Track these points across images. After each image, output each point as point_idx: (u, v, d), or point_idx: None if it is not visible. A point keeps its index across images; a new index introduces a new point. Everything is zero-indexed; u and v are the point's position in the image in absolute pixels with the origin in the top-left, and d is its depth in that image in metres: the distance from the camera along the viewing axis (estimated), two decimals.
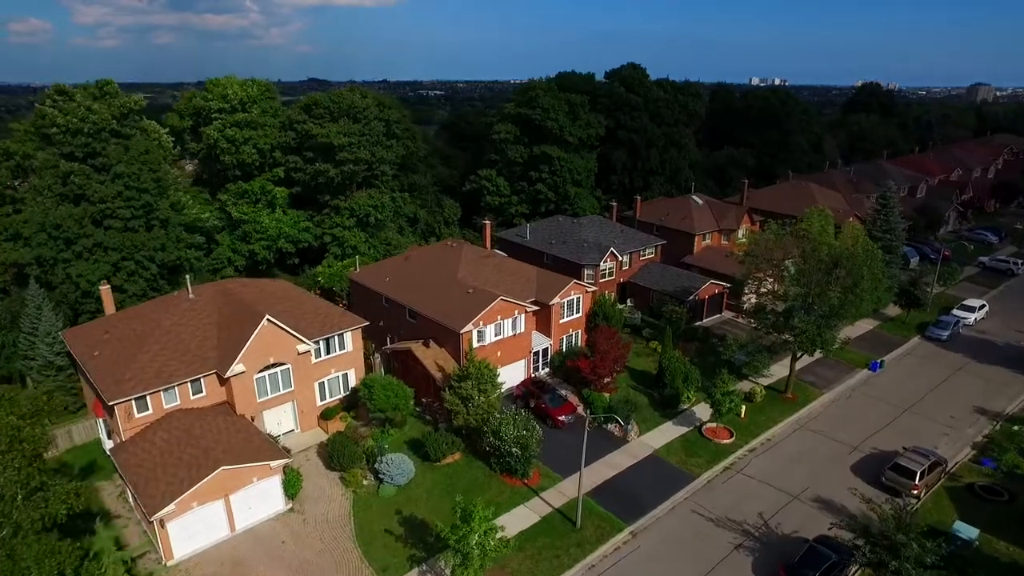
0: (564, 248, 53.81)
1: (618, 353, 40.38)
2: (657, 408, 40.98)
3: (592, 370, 39.77)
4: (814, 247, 37.60)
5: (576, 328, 45.72)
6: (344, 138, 61.66)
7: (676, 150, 78.81)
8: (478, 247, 51.05)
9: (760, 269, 41.27)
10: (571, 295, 44.24)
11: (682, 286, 52.82)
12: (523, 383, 41.36)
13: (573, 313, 45.09)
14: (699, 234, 61.37)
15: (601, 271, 52.22)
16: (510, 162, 69.25)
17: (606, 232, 56.00)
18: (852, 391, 43.81)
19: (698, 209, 64.30)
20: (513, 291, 43.27)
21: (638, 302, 55.51)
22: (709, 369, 44.79)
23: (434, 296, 42.35)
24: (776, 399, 42.00)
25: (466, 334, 38.95)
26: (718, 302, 55.19)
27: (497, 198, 69.85)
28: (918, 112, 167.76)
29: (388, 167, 67.92)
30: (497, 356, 41.07)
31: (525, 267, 46.28)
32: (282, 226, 62.79)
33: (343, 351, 39.70)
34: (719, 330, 52.81)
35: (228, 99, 61.54)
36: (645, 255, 56.97)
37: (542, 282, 44.56)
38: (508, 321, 40.92)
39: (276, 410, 36.85)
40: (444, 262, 45.41)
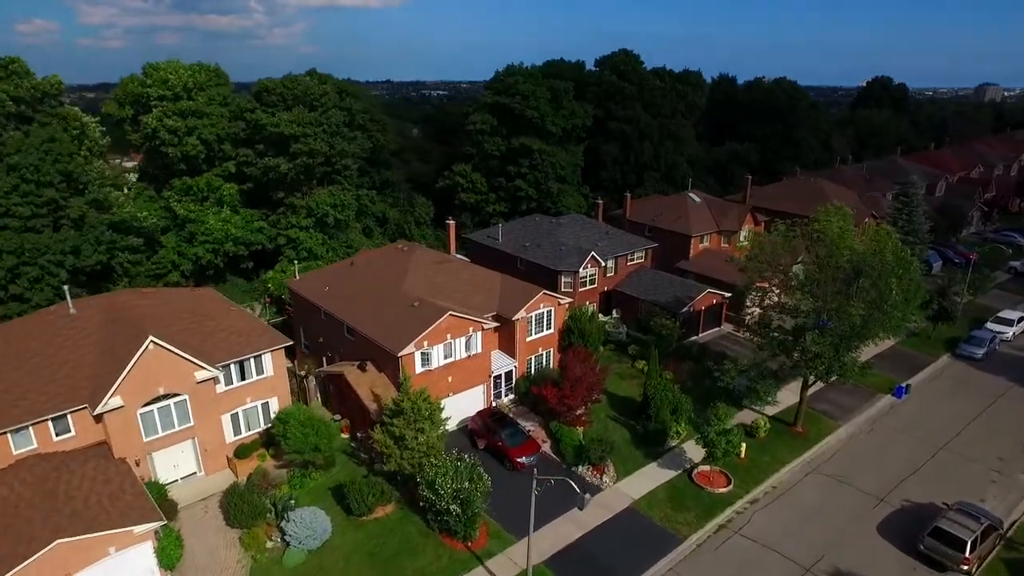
0: (539, 252, 47.08)
1: (593, 379, 33.60)
2: (640, 445, 34.13)
3: (560, 401, 33.01)
4: (830, 252, 30.71)
5: (547, 346, 38.95)
6: (297, 128, 55.07)
7: (673, 143, 71.92)
8: (436, 251, 44.38)
9: (764, 277, 34.43)
10: (540, 308, 37.47)
11: (675, 296, 45.98)
12: (479, 414, 34.61)
13: (543, 329, 38.31)
14: (696, 236, 54.51)
15: (581, 278, 45.44)
16: (487, 156, 62.56)
17: (588, 233, 49.21)
18: (874, 423, 36.84)
19: (695, 208, 57.44)
20: (470, 303, 36.58)
21: (625, 314, 48.69)
22: (705, 394, 37.95)
23: (375, 310, 35.68)
24: (783, 433, 35.11)
25: (406, 357, 32.24)
26: (716, 314, 48.31)
27: (473, 195, 63.16)
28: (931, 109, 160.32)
29: (351, 161, 61.33)
30: (447, 382, 34.36)
31: (487, 275, 39.56)
32: (229, 227, 56.19)
33: (262, 376, 33.06)
34: (717, 346, 45.92)
35: (169, 85, 55.02)
36: (633, 260, 50.16)
37: (506, 293, 37.83)
38: (460, 340, 34.18)
39: (170, 451, 30.19)
40: (391, 269, 38.75)
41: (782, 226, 34.84)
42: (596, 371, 34.35)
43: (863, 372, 32.37)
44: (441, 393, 34.19)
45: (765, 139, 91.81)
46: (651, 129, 69.49)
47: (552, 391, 33.25)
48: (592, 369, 34.08)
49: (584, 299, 46.24)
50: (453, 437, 34.35)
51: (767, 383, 33.40)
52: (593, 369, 34.19)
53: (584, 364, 33.95)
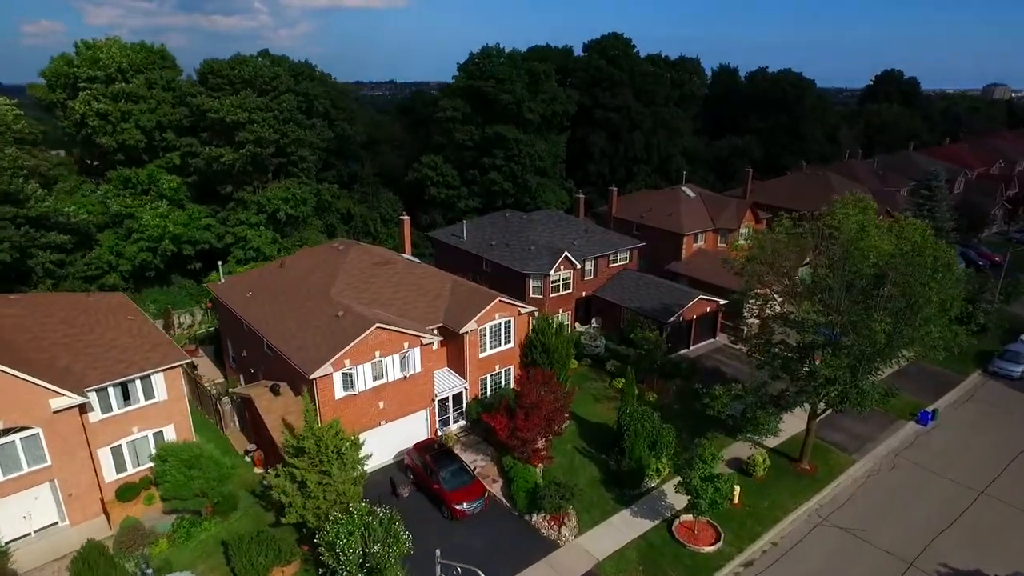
0: (506, 252, 41.08)
1: (554, 406, 27.56)
2: (611, 487, 28.06)
3: (511, 433, 26.97)
4: (847, 253, 24.60)
5: (506, 363, 32.92)
6: (242, 113, 49.37)
7: (666, 134, 65.78)
8: (381, 250, 38.41)
9: (765, 282, 28.39)
10: (496, 318, 31.46)
11: (662, 303, 39.91)
12: (416, 447, 28.60)
13: (500, 343, 32.30)
14: (689, 234, 48.43)
15: (553, 282, 39.42)
16: (458, 146, 56.59)
17: (564, 231, 43.19)
18: (895, 457, 30.65)
19: (689, 203, 51.37)
20: (412, 313, 30.64)
21: (606, 323, 42.66)
22: (695, 420, 31.89)
23: (296, 320, 29.75)
24: (786, 471, 28.98)
25: (322, 379, 26.29)
26: (710, 324, 42.19)
27: (444, 190, 57.20)
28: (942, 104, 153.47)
29: (309, 152, 55.61)
30: (378, 409, 28.38)
31: (438, 279, 33.57)
32: (168, 223, 50.36)
33: (152, 401, 27.20)
34: (710, 361, 39.80)
35: (101, 65, 49.32)
36: (617, 261, 44.10)
37: (457, 300, 31.85)
38: (394, 358, 28.20)
39: (20, 497, 24.26)
40: (321, 272, 32.80)
41: (787, 221, 28.74)
42: (559, 396, 28.32)
43: (885, 399, 26.20)
44: (370, 422, 28.27)
45: (768, 132, 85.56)
46: (643, 118, 63.39)
47: (502, 421, 27.23)
48: (554, 394, 28.06)
49: (557, 306, 40.25)
50: (386, 475, 28.42)
51: (767, 411, 27.26)
52: (555, 394, 28.16)
53: (543, 387, 27.92)
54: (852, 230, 24.87)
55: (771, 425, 27.22)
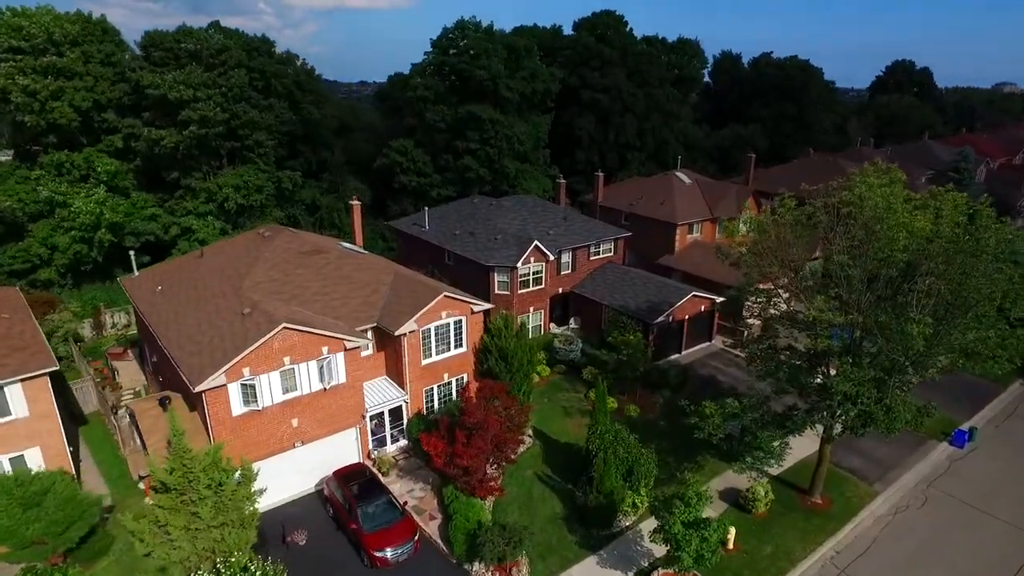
0: (470, 242, 35.78)
1: (505, 426, 22.26)
2: (577, 525, 22.70)
3: (449, 460, 21.67)
4: (870, 233, 19.25)
5: (458, 371, 27.60)
6: (186, 90, 44.29)
7: (661, 117, 60.33)
8: (313, 236, 33.15)
9: (768, 275, 23.03)
10: (442, 317, 26.15)
11: (650, 300, 34.55)
12: (336, 475, 23.29)
13: (449, 347, 26.99)
14: (683, 224, 43.06)
15: (522, 276, 34.07)
16: (430, 128, 51.34)
17: (539, 219, 37.87)
18: (927, 488, 25.17)
19: (683, 189, 46.01)
20: (340, 310, 25.40)
21: (586, 324, 37.34)
22: (684, 439, 26.56)
23: (200, 320, 24.55)
24: (794, 506, 23.57)
25: (213, 392, 21.07)
26: (706, 325, 36.79)
27: (415, 177, 51.94)
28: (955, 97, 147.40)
29: (266, 136, 50.52)
30: (291, 428, 23.12)
31: (374, 270, 28.29)
32: (105, 210, 45.28)
33: (7, 418, 22.10)
34: (705, 368, 34.40)
35: (26, 35, 44.33)
36: (599, 253, 38.76)
37: (397, 295, 26.57)
38: (309, 366, 22.92)
39: None
40: (240, 263, 27.58)
41: (790, 201, 23.38)
42: (514, 414, 23.01)
43: (919, 420, 20.73)
44: (281, 444, 23.02)
45: (773, 121, 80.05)
46: (635, 101, 57.96)
47: (438, 444, 21.93)
48: (506, 411, 22.76)
49: (527, 305, 34.92)
50: (304, 508, 23.20)
51: (771, 434, 21.81)
52: (508, 411, 22.87)
53: (493, 402, 22.63)
54: (877, 207, 19.50)
55: (775, 451, 21.75)
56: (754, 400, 21.70)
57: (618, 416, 29.38)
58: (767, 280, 23.62)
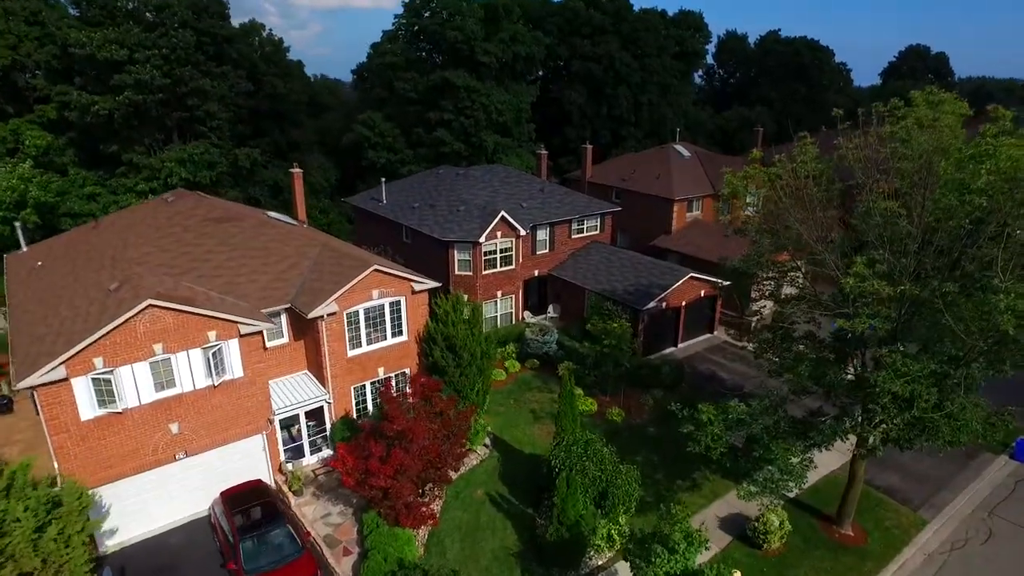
0: (428, 216, 30.59)
1: (439, 436, 17.08)
2: (534, 564, 17.46)
3: (361, 480, 16.48)
4: (928, 174, 13.99)
5: (397, 365, 22.36)
6: (119, 50, 39.29)
7: (659, 90, 54.98)
8: (227, 203, 27.87)
9: (783, 242, 17.83)
10: (372, 298, 20.95)
11: (640, 283, 29.30)
12: (226, 496, 18.13)
13: (384, 335, 21.77)
14: (681, 200, 37.74)
15: (487, 255, 28.82)
16: (401, 99, 46.20)
17: (512, 190, 32.69)
18: (989, 516, 19.77)
19: (682, 163, 40.71)
20: (247, 287, 20.26)
21: (566, 311, 32.13)
22: (678, 450, 21.31)
23: (68, 300, 19.44)
24: (818, 539, 18.24)
25: (48, 389, 15.95)
26: (706, 313, 31.50)
27: (384, 153, 46.80)
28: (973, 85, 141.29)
29: (218, 107, 45.52)
30: (169, 435, 17.96)
31: (296, 242, 23.10)
32: (32, 187, 40.30)
33: None
34: (704, 363, 29.11)
35: None
36: (584, 231, 33.53)
37: (320, 270, 21.39)
38: (191, 355, 17.75)
39: None
40: (133, 233, 22.44)
41: (812, 148, 18.14)
42: (452, 422, 17.82)
43: (990, 430, 15.37)
44: (154, 457, 17.88)
45: (782, 103, 74.44)
46: (630, 72, 52.62)
47: (348, 459, 16.75)
48: (442, 418, 17.59)
49: (495, 288, 29.68)
50: (192, 535, 18.09)
51: (790, 447, 16.43)
52: (445, 417, 17.69)
53: (423, 407, 17.46)
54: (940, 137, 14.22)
55: (795, 470, 16.36)
56: (766, 403, 16.37)
57: (598, 420, 24.20)
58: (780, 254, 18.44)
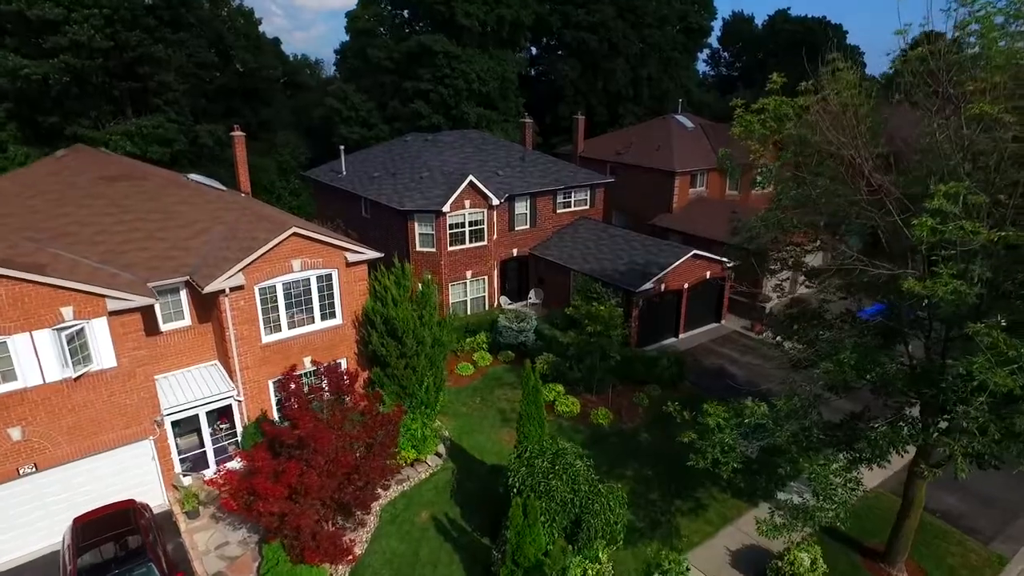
0: (389, 184, 26.33)
1: (356, 445, 12.82)
2: None
3: (248, 504, 12.23)
4: None
5: (329, 355, 18.02)
6: (52, 8, 35.23)
7: (660, 63, 50.62)
8: (130, 161, 23.46)
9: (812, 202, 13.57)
10: (292, 270, 16.66)
11: (634, 263, 24.96)
12: (80, 522, 13.92)
13: (312, 317, 17.49)
14: (683, 174, 33.41)
15: (453, 228, 24.48)
16: (375, 68, 41.99)
17: (486, 157, 28.43)
18: None
19: (684, 134, 36.41)
20: (135, 256, 16.02)
21: (550, 296, 27.83)
22: (677, 461, 17.01)
23: None
24: None
25: None
26: (712, 298, 27.14)
27: (357, 128, 42.61)
28: None
29: (174, 78, 41.49)
30: (10, 443, 13.73)
31: (210, 205, 18.86)
32: None
33: None
34: (711, 357, 24.74)
35: None
36: (571, 205, 29.23)
37: (230, 238, 17.14)
38: (36, 337, 13.54)
39: None
40: (8, 195, 18.26)
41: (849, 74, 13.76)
42: (373, 428, 13.53)
43: None
44: None
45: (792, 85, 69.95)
46: (628, 43, 48.26)
47: (232, 475, 12.51)
48: (365, 423, 13.32)
49: (463, 268, 25.35)
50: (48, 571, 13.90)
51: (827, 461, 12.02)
52: (367, 420, 13.43)
53: (334, 409, 13.20)
54: None
55: (837, 494, 11.87)
56: (795, 403, 11.96)
57: (580, 424, 19.91)
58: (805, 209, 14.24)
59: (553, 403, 20.55)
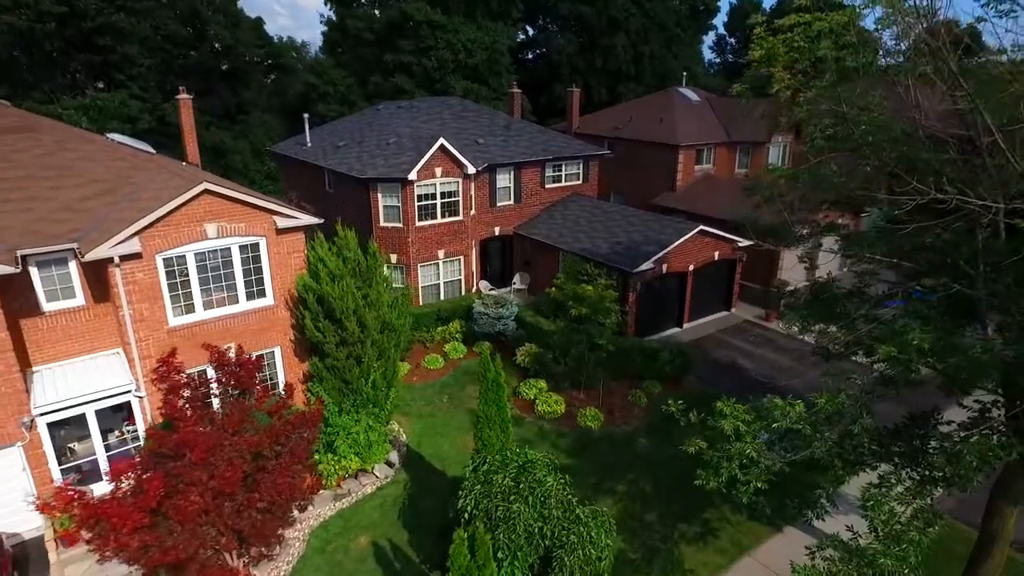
0: (353, 152, 23.19)
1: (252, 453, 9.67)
2: None
3: (102, 536, 9.04)
4: None
5: (258, 343, 14.88)
6: None
7: (663, 38, 47.30)
8: (27, 114, 20.04)
9: (855, 141, 10.23)
10: (206, 237, 13.52)
11: (632, 241, 21.75)
12: None
13: (235, 295, 14.36)
14: (687, 148, 30.13)
15: (421, 198, 21.28)
16: (356, 40, 38.89)
17: (464, 124, 25.27)
18: None
19: (689, 107, 33.15)
20: (17, 217, 12.92)
21: (539, 283, 24.64)
22: (682, 475, 13.77)
23: None
24: None
25: None
26: (721, 282, 23.89)
27: (336, 106, 39.50)
28: None
29: (139, 50, 38.57)
30: None
31: (124, 164, 15.77)
32: None
33: None
34: (720, 349, 21.50)
35: None
36: (562, 180, 26.04)
37: (134, 198, 14.03)
38: None
39: None
40: None
41: None
42: (276, 435, 10.36)
43: None
44: None
45: None
46: (629, 17, 45.03)
47: (67, 495, 9.33)
48: (274, 429, 10.17)
49: (435, 247, 22.13)
50: None
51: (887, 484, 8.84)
52: (276, 424, 10.27)
53: (236, 409, 10.04)
54: None
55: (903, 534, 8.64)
56: (842, 401, 8.68)
57: (565, 426, 16.73)
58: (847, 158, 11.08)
59: (534, 402, 17.40)
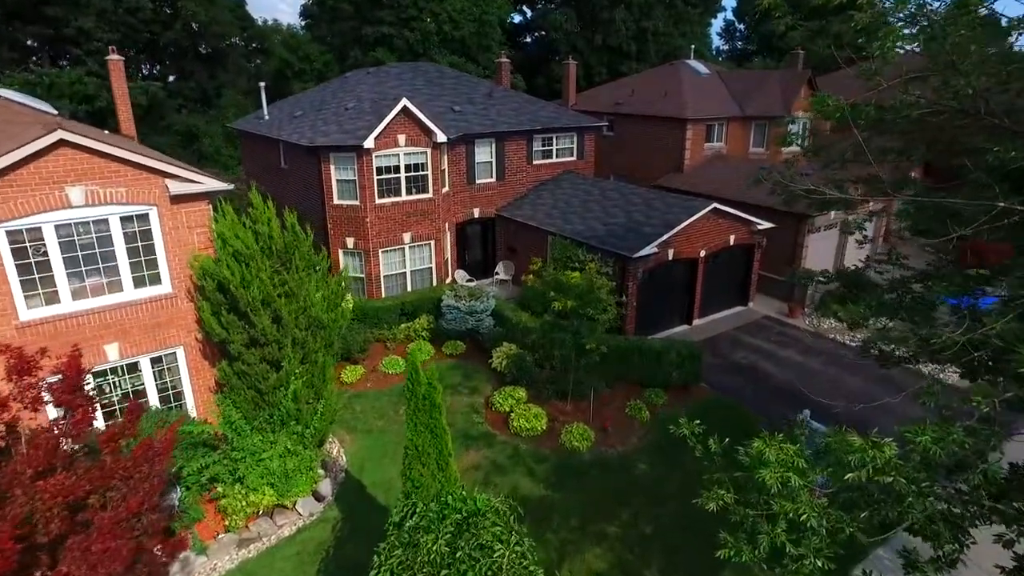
0: (305, 123, 19.97)
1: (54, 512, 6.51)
2: None
3: None
4: None
5: (155, 341, 11.75)
6: None
7: (668, 15, 43.87)
8: None
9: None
10: (70, 204, 10.37)
11: (633, 222, 18.46)
12: None
13: (114, 283, 11.21)
14: (696, 123, 26.75)
15: (381, 170, 18.02)
16: (334, 14, 35.70)
17: (440, 91, 22.05)
18: None
19: (697, 80, 29.78)
20: None
21: (522, 268, 21.41)
22: (690, 512, 10.42)
23: None
24: None
25: None
26: (737, 272, 20.57)
27: (312, 84, 36.35)
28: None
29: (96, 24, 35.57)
30: None
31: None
32: None
33: None
34: (737, 351, 18.15)
35: None
36: (553, 156, 22.77)
37: None
38: None
39: None
40: None
41: None
42: (110, 473, 7.16)
43: None
44: None
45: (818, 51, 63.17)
46: None
47: None
48: (115, 470, 6.98)
49: (400, 229, 18.85)
50: None
51: None
52: (114, 462, 7.09)
53: (38, 451, 6.83)
54: None
55: None
56: (958, 436, 5.45)
57: (546, 447, 13.49)
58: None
59: (509, 415, 14.17)
